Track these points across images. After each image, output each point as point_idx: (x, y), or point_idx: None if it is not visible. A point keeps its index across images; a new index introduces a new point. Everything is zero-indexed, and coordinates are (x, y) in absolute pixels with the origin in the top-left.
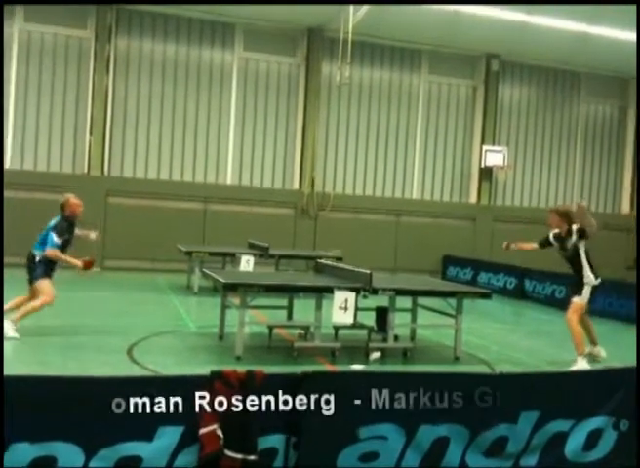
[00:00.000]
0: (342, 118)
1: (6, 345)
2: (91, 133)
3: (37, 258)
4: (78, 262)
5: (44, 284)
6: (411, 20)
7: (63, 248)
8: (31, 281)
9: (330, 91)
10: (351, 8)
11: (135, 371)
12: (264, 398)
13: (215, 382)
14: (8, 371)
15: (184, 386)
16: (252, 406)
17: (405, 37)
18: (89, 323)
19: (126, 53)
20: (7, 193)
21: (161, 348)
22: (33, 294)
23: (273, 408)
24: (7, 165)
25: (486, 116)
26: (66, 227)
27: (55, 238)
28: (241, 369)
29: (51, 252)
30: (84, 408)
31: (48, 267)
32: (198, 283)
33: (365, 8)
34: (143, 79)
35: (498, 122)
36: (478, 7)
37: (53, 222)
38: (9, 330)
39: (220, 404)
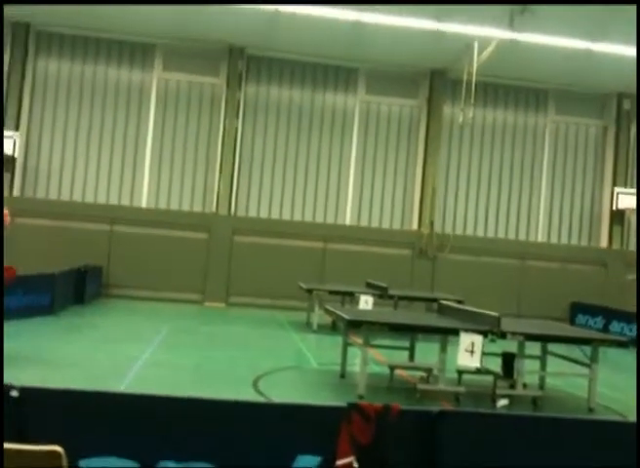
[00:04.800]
0: (464, 159)
1: (139, 372)
2: (220, 174)
3: None
4: None
5: None
6: (537, 60)
7: None
8: None
9: (451, 132)
10: (475, 49)
11: None
12: (400, 432)
13: (352, 414)
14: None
15: (324, 416)
16: (388, 439)
17: (531, 77)
18: (216, 355)
19: (255, 98)
20: (142, 230)
21: (285, 382)
22: None
23: (409, 442)
24: (143, 204)
25: (617, 157)
26: None
27: None
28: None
29: None
30: (228, 430)
31: None
32: (317, 321)
33: (490, 49)
34: (270, 123)
35: (631, 163)
36: (610, 45)
37: None
38: None
39: (357, 436)
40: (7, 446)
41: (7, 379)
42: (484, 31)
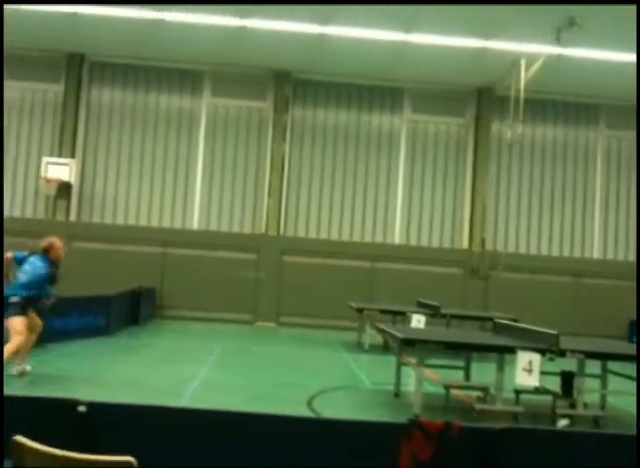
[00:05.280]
0: (514, 176)
1: (194, 392)
2: (269, 196)
3: (15, 300)
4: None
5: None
6: (586, 75)
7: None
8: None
9: (500, 149)
10: (523, 66)
11: None
12: (461, 449)
13: (413, 430)
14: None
15: (384, 432)
16: (449, 456)
17: (580, 92)
18: (269, 375)
19: (301, 121)
20: (194, 252)
21: (339, 402)
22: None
23: (469, 459)
24: (195, 226)
25: None
26: (54, 272)
27: (49, 289)
28: None
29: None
30: (290, 446)
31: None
32: (369, 341)
33: (537, 65)
34: (317, 144)
35: None
36: None
37: (42, 270)
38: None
39: (418, 452)
40: (80, 456)
41: (62, 396)
42: (531, 47)
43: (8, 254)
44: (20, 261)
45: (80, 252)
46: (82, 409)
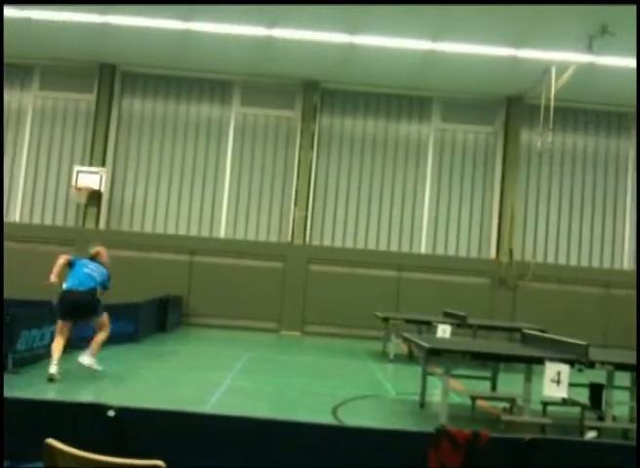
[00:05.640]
0: (543, 185)
1: (220, 398)
2: (296, 204)
3: (98, 296)
4: None
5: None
6: (618, 83)
7: None
8: (96, 316)
9: (529, 158)
10: (553, 74)
11: None
12: (490, 460)
13: (441, 440)
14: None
15: (412, 441)
16: (477, 466)
17: (611, 101)
18: (295, 383)
19: (329, 130)
20: (221, 260)
21: (365, 411)
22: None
23: None
24: (222, 235)
25: None
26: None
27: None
28: None
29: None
30: (316, 454)
31: None
32: (394, 350)
33: (568, 73)
34: (344, 153)
35: None
36: None
37: (103, 270)
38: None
39: (446, 462)
40: (110, 459)
41: (92, 400)
42: (562, 55)
43: (66, 257)
44: (71, 264)
45: (110, 259)
46: (112, 413)
